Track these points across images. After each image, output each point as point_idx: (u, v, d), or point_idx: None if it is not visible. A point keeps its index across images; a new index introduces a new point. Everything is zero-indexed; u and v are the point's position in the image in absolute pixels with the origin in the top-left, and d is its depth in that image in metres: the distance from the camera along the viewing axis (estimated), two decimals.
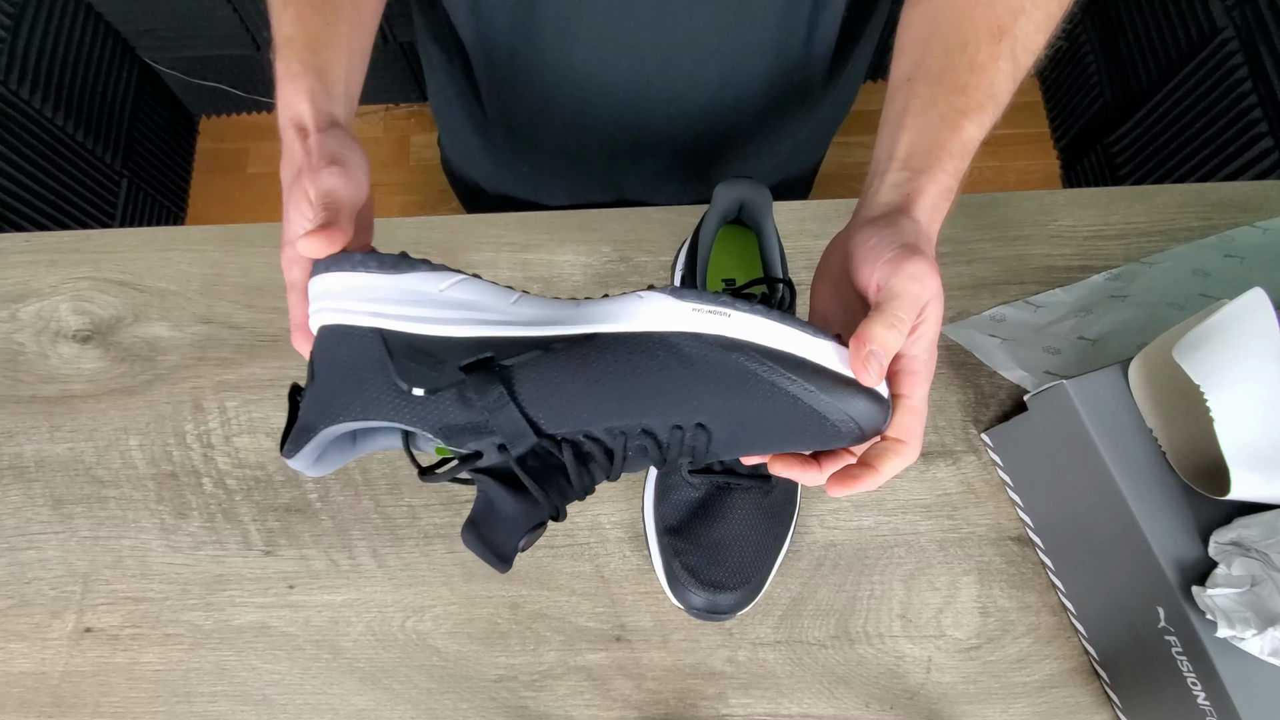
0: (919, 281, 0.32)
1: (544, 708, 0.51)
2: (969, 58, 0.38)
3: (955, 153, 0.37)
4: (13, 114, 1.21)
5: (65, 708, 0.51)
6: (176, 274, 0.62)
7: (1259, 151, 1.09)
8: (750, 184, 0.50)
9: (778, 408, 0.31)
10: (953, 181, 0.37)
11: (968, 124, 0.37)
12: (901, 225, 0.35)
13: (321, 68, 0.38)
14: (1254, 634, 0.39)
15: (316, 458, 0.35)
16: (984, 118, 0.38)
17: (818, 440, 0.32)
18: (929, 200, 0.36)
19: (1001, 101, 0.39)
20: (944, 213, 0.37)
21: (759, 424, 0.31)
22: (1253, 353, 0.42)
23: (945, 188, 0.36)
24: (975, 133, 0.37)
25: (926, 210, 0.36)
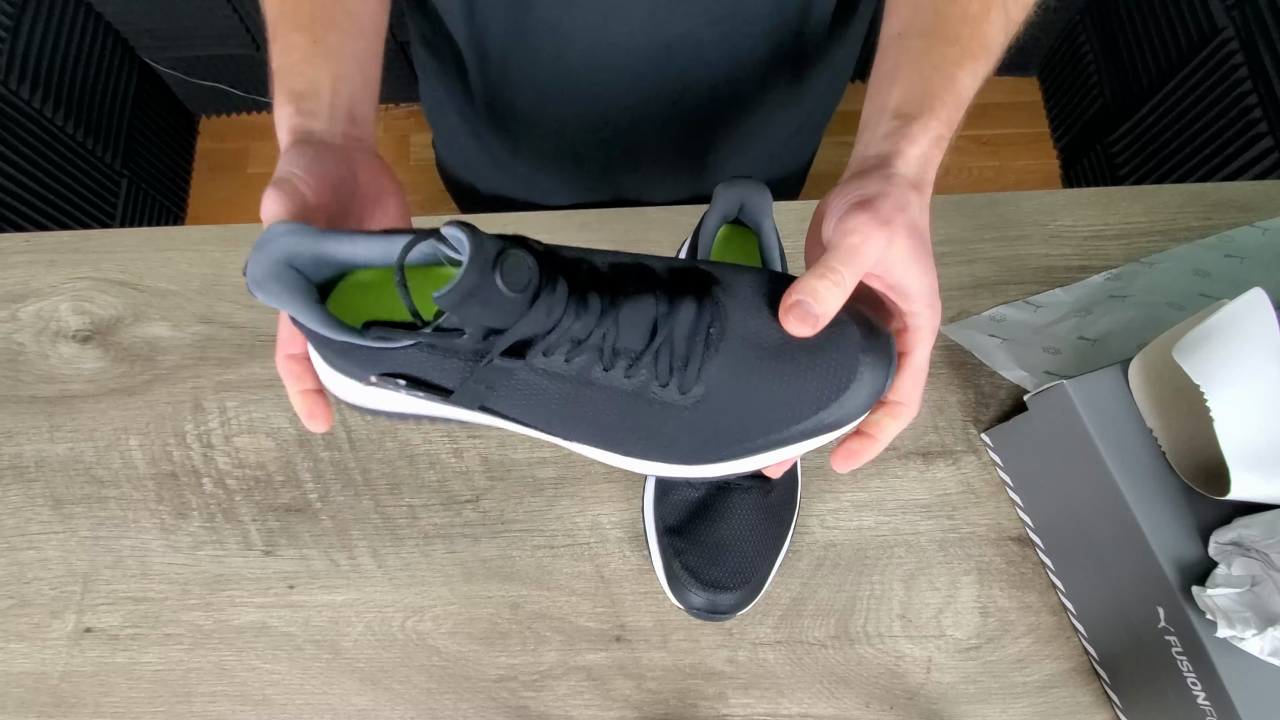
0: (857, 234, 0.32)
1: (544, 708, 0.51)
2: (960, 9, 0.38)
3: (949, 101, 0.36)
4: (13, 114, 1.21)
5: (65, 708, 0.51)
6: (176, 274, 0.62)
7: (1259, 151, 1.09)
8: (750, 184, 0.50)
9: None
10: (945, 130, 0.36)
11: (961, 73, 0.36)
12: (870, 180, 0.34)
13: (302, 91, 0.38)
14: (1254, 634, 0.39)
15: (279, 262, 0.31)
16: (977, 67, 0.37)
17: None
18: (919, 149, 0.35)
19: (994, 53, 0.38)
20: (937, 162, 0.36)
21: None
22: (1253, 353, 0.42)
23: (937, 135, 0.35)
24: (969, 82, 0.37)
25: (915, 160, 0.35)
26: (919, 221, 0.34)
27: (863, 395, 0.32)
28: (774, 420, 0.32)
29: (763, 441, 0.33)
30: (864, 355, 0.32)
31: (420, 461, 0.56)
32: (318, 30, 0.39)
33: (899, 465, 0.55)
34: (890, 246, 0.32)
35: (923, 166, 0.35)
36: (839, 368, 0.32)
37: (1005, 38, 0.39)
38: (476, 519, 0.54)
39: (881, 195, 0.33)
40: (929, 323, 0.34)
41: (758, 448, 0.33)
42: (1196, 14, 1.18)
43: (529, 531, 0.54)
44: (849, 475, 0.55)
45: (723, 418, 0.33)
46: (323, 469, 0.56)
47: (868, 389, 0.32)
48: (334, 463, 0.56)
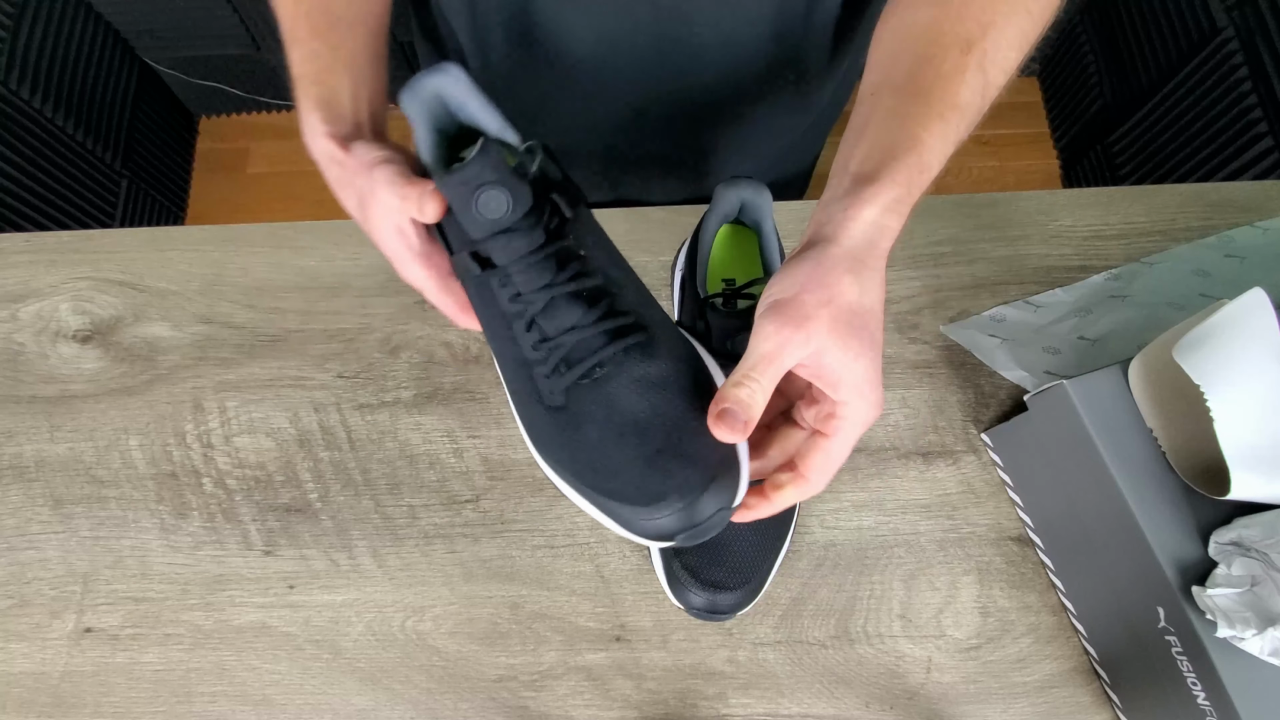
0: (771, 341, 0.32)
1: (544, 708, 0.51)
2: (935, 68, 0.37)
3: (910, 163, 0.35)
4: (13, 114, 1.21)
5: (65, 708, 0.51)
6: (176, 274, 0.62)
7: (1259, 151, 1.09)
8: (751, 184, 0.50)
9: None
10: (903, 193, 0.34)
11: (927, 134, 0.35)
12: (803, 264, 0.33)
13: (329, 98, 0.39)
14: (1254, 634, 0.39)
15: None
16: (945, 129, 0.36)
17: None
18: (870, 215, 0.34)
19: (967, 115, 0.37)
20: (894, 230, 0.35)
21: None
22: (1253, 353, 0.42)
23: (893, 198, 0.34)
24: (935, 144, 0.35)
25: (863, 229, 0.33)
26: (857, 302, 0.33)
27: (652, 528, 0.33)
28: (587, 474, 0.35)
29: (571, 481, 0.36)
30: (681, 497, 0.32)
31: (420, 461, 0.56)
32: (332, 37, 0.40)
33: (899, 465, 0.55)
34: (809, 344, 0.32)
35: (873, 235, 0.34)
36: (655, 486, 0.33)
37: (981, 100, 0.37)
38: (476, 519, 0.54)
39: (805, 290, 0.32)
40: (857, 413, 0.33)
41: (567, 482, 0.36)
42: (1196, 14, 1.18)
43: (529, 531, 0.54)
44: (849, 475, 0.55)
45: (561, 435, 0.36)
46: (323, 469, 0.56)
47: (663, 524, 0.33)
48: (334, 463, 0.56)
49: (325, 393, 0.58)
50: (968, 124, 0.37)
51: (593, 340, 0.35)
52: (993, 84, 0.38)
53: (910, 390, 0.57)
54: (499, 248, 0.35)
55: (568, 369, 0.35)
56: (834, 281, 0.32)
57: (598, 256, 0.37)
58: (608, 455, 0.34)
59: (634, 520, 0.33)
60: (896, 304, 0.59)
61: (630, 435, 0.34)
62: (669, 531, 0.33)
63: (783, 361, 0.32)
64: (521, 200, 0.34)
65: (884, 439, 0.56)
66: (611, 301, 0.36)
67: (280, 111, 1.66)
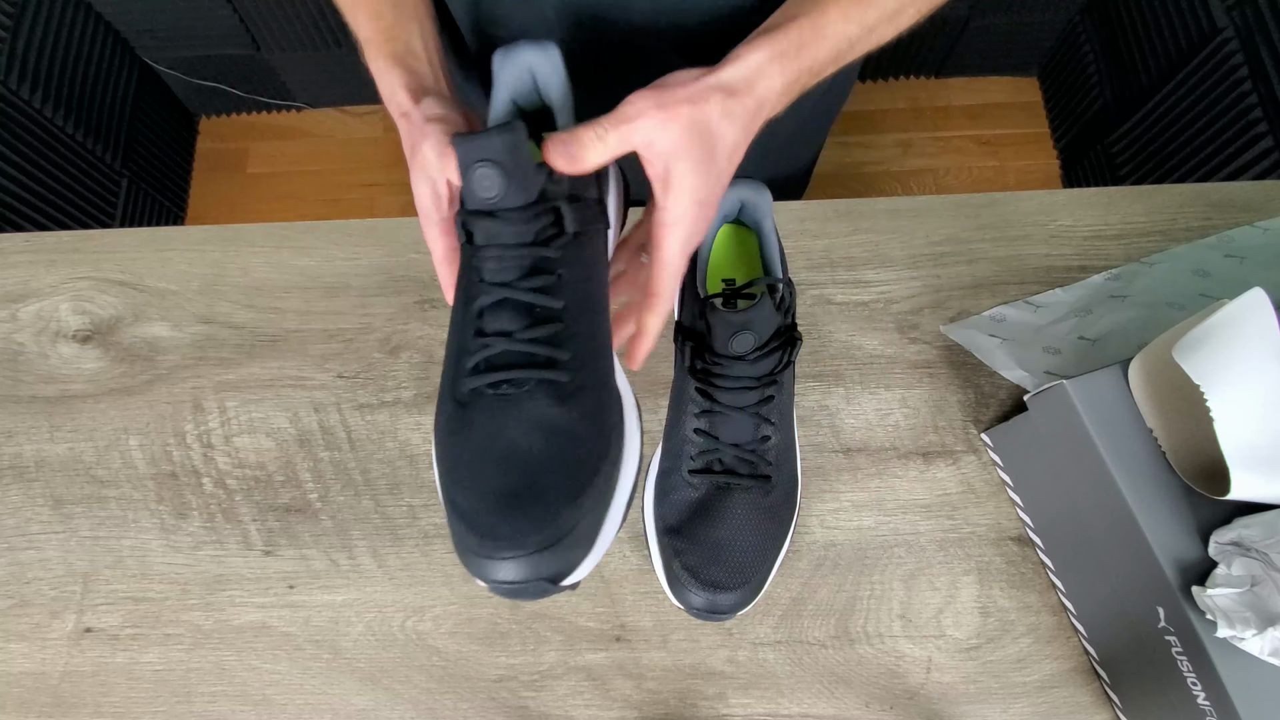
0: (633, 106, 0.34)
1: (544, 708, 0.51)
2: None
3: (805, 26, 0.38)
4: (13, 114, 1.21)
5: (65, 708, 0.51)
6: (176, 274, 0.62)
7: (1259, 151, 1.09)
8: (750, 184, 0.50)
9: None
10: (790, 47, 0.37)
11: (835, 10, 0.38)
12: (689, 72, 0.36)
13: (401, 53, 0.40)
14: (1254, 634, 0.39)
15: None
16: (854, 10, 0.39)
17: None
18: (754, 59, 0.36)
19: (881, 4, 0.40)
20: (775, 79, 0.37)
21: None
22: (1253, 353, 0.42)
23: (779, 51, 0.37)
24: (837, 17, 0.39)
25: (744, 69, 0.36)
26: (716, 123, 0.35)
27: (471, 564, 0.31)
28: (449, 477, 0.34)
29: (440, 475, 0.34)
30: (511, 548, 0.30)
31: (420, 461, 0.56)
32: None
33: (899, 465, 0.55)
34: (663, 130, 0.34)
35: (752, 75, 0.36)
36: (492, 525, 0.31)
37: (898, 2, 0.40)
38: None
39: (680, 85, 0.35)
40: (680, 219, 0.36)
41: (439, 473, 0.35)
42: (1196, 14, 1.18)
43: None
44: (849, 475, 0.55)
45: (450, 428, 0.35)
46: (323, 469, 0.56)
47: (483, 566, 0.31)
48: (334, 463, 0.56)
49: (325, 393, 0.58)
50: (879, 17, 0.40)
51: (515, 356, 0.34)
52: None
53: (910, 390, 0.57)
54: (482, 226, 0.35)
55: (484, 371, 0.35)
56: (704, 96, 0.35)
57: (574, 286, 0.36)
58: (471, 471, 0.33)
59: (463, 545, 0.32)
60: (896, 304, 0.59)
61: (499, 464, 0.33)
62: (479, 574, 0.31)
63: (634, 129, 0.34)
64: (518, 190, 0.33)
65: (884, 439, 0.56)
66: (556, 331, 0.35)
67: (280, 111, 1.66)
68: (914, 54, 1.56)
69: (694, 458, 0.47)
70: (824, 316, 0.59)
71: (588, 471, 0.33)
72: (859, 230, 0.62)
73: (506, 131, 0.32)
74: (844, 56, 0.41)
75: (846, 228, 0.62)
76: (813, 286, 0.60)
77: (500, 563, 0.30)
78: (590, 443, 0.34)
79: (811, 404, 0.57)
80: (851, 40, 0.40)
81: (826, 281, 0.60)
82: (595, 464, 0.33)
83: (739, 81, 0.36)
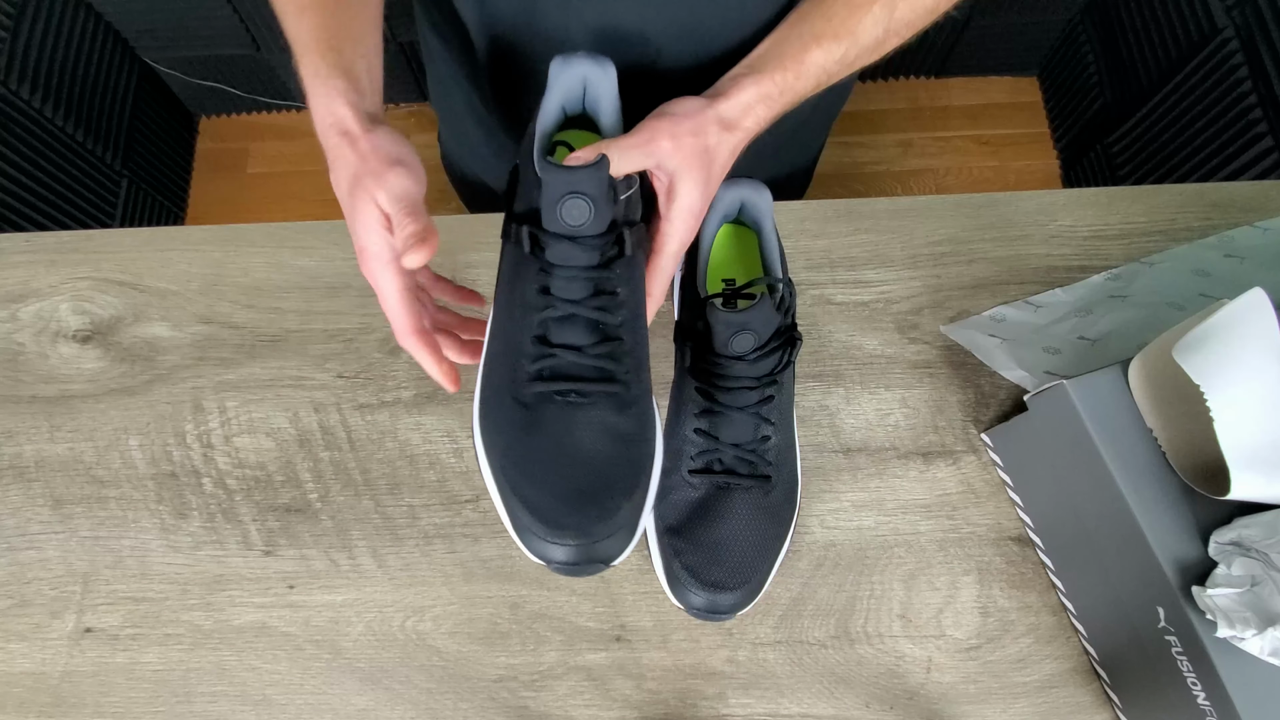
0: (647, 131, 0.39)
1: (544, 708, 0.51)
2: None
3: (790, 68, 0.43)
4: (13, 114, 1.21)
5: (65, 708, 0.51)
6: (176, 274, 0.62)
7: (1259, 151, 1.09)
8: (751, 184, 0.50)
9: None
10: (775, 91, 0.43)
11: (816, 48, 0.43)
12: (694, 103, 0.41)
13: (347, 67, 0.40)
14: (1254, 634, 0.39)
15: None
16: (835, 48, 0.43)
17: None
18: (744, 98, 0.42)
19: (861, 41, 0.44)
20: (761, 115, 0.43)
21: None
22: (1253, 353, 0.42)
23: (765, 92, 0.42)
24: (821, 58, 0.43)
25: (736, 105, 0.42)
26: (716, 153, 0.41)
27: (538, 547, 0.36)
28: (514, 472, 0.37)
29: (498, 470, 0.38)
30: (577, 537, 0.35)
31: (420, 461, 0.56)
32: (341, 14, 0.42)
33: (899, 465, 0.55)
34: (673, 155, 0.39)
35: (742, 113, 0.42)
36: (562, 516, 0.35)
37: (883, 34, 0.44)
38: (476, 519, 0.54)
39: (688, 116, 0.40)
40: (680, 229, 0.41)
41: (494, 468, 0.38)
42: (1196, 14, 1.18)
43: None
44: (849, 475, 0.55)
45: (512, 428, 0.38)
46: (323, 469, 0.56)
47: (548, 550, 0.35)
48: (334, 463, 0.56)
49: (325, 393, 0.58)
50: (861, 52, 0.44)
51: (585, 369, 0.38)
52: (899, 20, 0.44)
53: (910, 390, 0.57)
54: (559, 249, 0.38)
55: (550, 379, 0.38)
56: (706, 126, 0.41)
57: (627, 302, 0.40)
58: (542, 468, 0.37)
59: (528, 531, 0.35)
60: (896, 304, 0.59)
61: (569, 464, 0.37)
62: (544, 555, 0.35)
63: (649, 151, 0.39)
64: (600, 222, 0.37)
65: (884, 439, 0.56)
66: (615, 347, 0.39)
67: (280, 111, 1.66)
68: (914, 54, 1.56)
69: (694, 458, 0.47)
70: (824, 316, 0.59)
71: (641, 471, 0.38)
72: (859, 230, 0.62)
73: (599, 170, 0.36)
74: (825, 83, 0.45)
75: (846, 228, 0.62)
76: (813, 286, 0.60)
77: (564, 547, 0.35)
78: (644, 446, 0.38)
79: (811, 404, 0.57)
80: (831, 74, 0.45)
81: (826, 281, 0.60)
82: (647, 464, 0.38)
83: (732, 117, 0.42)
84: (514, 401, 0.38)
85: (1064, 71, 1.53)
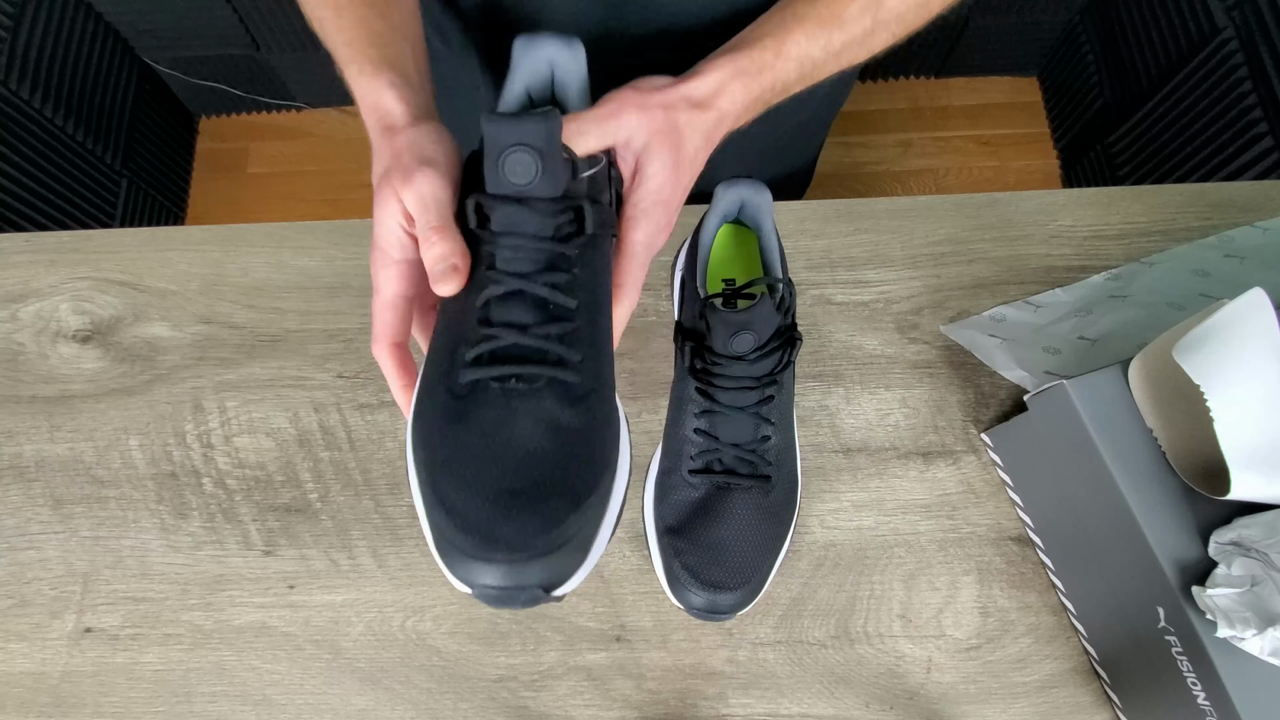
0: (613, 102, 0.37)
1: (544, 708, 0.51)
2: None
3: (769, 47, 0.40)
4: (13, 114, 1.21)
5: (65, 708, 0.51)
6: (176, 274, 0.62)
7: (1259, 151, 1.09)
8: (750, 183, 0.50)
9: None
10: (751, 66, 0.40)
11: (798, 30, 0.41)
12: (664, 79, 0.39)
13: (395, 59, 0.38)
14: (1254, 634, 0.39)
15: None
16: (820, 33, 0.41)
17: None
18: (717, 76, 0.39)
19: (847, 27, 0.42)
20: (737, 97, 0.40)
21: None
22: (1253, 353, 0.42)
23: (740, 68, 0.40)
24: (802, 40, 0.41)
25: (708, 83, 0.39)
26: (686, 131, 0.38)
27: (459, 568, 0.29)
28: (440, 472, 0.31)
29: (422, 470, 0.32)
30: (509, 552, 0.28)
31: None
32: (382, 7, 0.41)
33: (899, 465, 0.55)
34: (639, 129, 0.37)
35: (714, 90, 0.39)
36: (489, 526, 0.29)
37: (871, 24, 0.43)
38: None
39: (654, 90, 0.38)
40: (648, 215, 0.38)
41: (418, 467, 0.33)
42: (1196, 14, 1.18)
43: None
44: (849, 475, 0.55)
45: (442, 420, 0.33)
46: (323, 469, 0.56)
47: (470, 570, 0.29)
48: (334, 463, 0.56)
49: (325, 393, 0.58)
50: (847, 40, 0.43)
51: (528, 350, 0.33)
52: (883, 19, 0.43)
53: (910, 390, 0.57)
54: (504, 212, 0.33)
55: (489, 363, 0.33)
56: (676, 102, 0.38)
57: (587, 287, 0.35)
58: (471, 465, 0.31)
59: (451, 546, 0.29)
60: (896, 304, 0.59)
61: (502, 460, 0.31)
62: (466, 577, 0.29)
63: (615, 124, 0.36)
64: (549, 181, 0.33)
65: (884, 439, 0.56)
66: (569, 330, 0.34)
67: (280, 111, 1.66)
68: (914, 54, 1.56)
69: (694, 458, 0.47)
70: (824, 316, 0.59)
71: (593, 477, 0.31)
72: (859, 230, 0.62)
73: (546, 118, 0.31)
74: (811, 76, 0.43)
75: (846, 228, 0.62)
76: (813, 286, 0.60)
77: (494, 566, 0.28)
78: (596, 448, 0.32)
79: (811, 404, 0.57)
80: (816, 62, 0.42)
81: (826, 281, 0.60)
82: (599, 470, 0.32)
83: (703, 95, 0.39)
84: (447, 393, 0.33)
85: (1064, 71, 1.53)
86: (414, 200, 0.34)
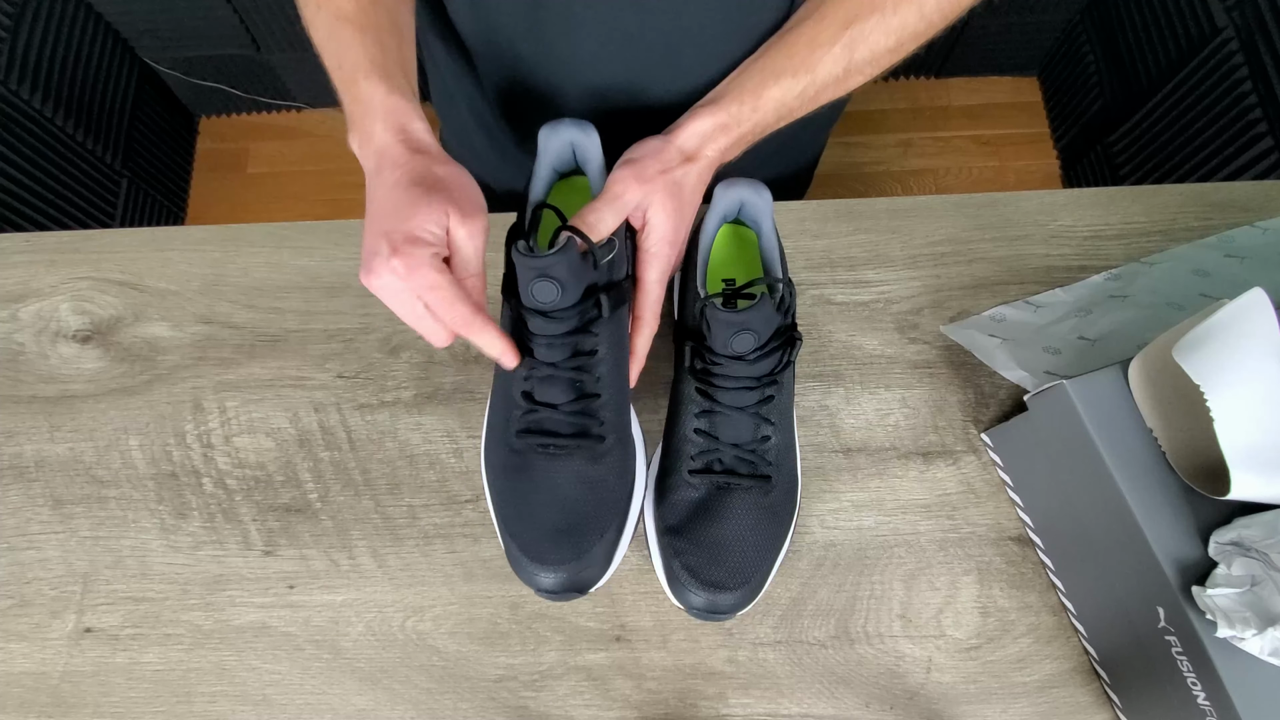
0: (619, 184, 0.43)
1: (544, 708, 0.51)
2: (812, 32, 0.45)
3: (747, 100, 0.45)
4: (13, 114, 1.21)
5: (65, 708, 0.51)
6: (176, 274, 0.62)
7: (1259, 151, 1.09)
8: (750, 184, 0.50)
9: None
10: (731, 121, 0.45)
11: (775, 84, 0.45)
12: (656, 141, 0.45)
13: (414, 92, 0.44)
14: (1254, 634, 0.39)
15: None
16: (794, 84, 0.45)
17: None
18: (700, 127, 0.45)
19: (822, 79, 0.46)
20: (720, 143, 0.46)
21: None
22: (1253, 353, 0.42)
23: (722, 122, 0.45)
24: (777, 92, 0.45)
25: (693, 135, 0.45)
26: (683, 183, 0.45)
27: (525, 575, 0.43)
28: (507, 509, 0.45)
29: (495, 503, 0.46)
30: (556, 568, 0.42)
31: (420, 461, 0.56)
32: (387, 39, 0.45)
33: (899, 465, 0.55)
34: (645, 197, 0.43)
35: (700, 142, 0.45)
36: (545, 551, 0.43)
37: (843, 73, 0.46)
38: (476, 519, 0.54)
39: (651, 156, 0.44)
40: (658, 257, 0.45)
41: (494, 501, 0.46)
42: (1196, 14, 1.18)
43: None
44: (849, 475, 0.55)
45: (504, 469, 0.46)
46: (323, 469, 0.56)
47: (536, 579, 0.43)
48: (334, 463, 0.56)
49: (325, 393, 0.58)
50: (821, 88, 0.46)
51: (561, 425, 0.44)
52: (856, 60, 0.46)
53: (910, 390, 0.57)
54: (535, 321, 0.42)
55: (533, 433, 0.44)
56: (669, 160, 0.44)
57: (606, 359, 0.44)
58: (529, 509, 0.43)
59: (518, 560, 0.43)
60: (896, 304, 0.59)
61: (549, 508, 0.43)
62: (531, 582, 0.43)
63: (625, 202, 0.43)
64: (570, 296, 0.41)
65: (884, 439, 0.56)
66: (591, 404, 0.44)
67: (280, 111, 1.66)
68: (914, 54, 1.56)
69: (694, 458, 0.47)
70: (824, 316, 0.59)
71: (615, 513, 0.44)
72: (859, 230, 0.62)
73: (564, 253, 0.39)
74: (789, 117, 0.47)
75: (846, 228, 0.62)
76: (813, 286, 0.60)
77: (548, 577, 0.42)
78: (616, 490, 0.45)
79: (811, 404, 0.57)
80: (792, 108, 0.47)
81: (826, 281, 0.60)
82: (621, 506, 0.45)
83: (692, 147, 0.45)
84: (507, 448, 0.45)
85: (1064, 71, 1.53)
86: (470, 239, 0.40)
